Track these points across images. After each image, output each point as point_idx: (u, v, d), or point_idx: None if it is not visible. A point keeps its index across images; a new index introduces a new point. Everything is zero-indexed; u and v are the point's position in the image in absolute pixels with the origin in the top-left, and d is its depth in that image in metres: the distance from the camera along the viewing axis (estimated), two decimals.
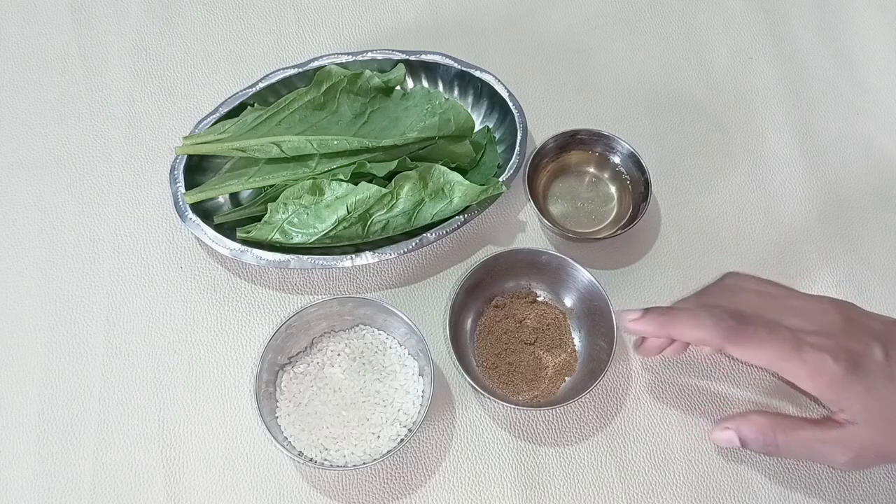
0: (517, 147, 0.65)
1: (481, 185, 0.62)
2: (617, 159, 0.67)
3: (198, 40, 0.74)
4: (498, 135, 0.68)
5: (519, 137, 0.66)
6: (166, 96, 0.71)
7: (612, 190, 0.68)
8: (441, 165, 0.61)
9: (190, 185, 0.64)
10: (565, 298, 0.63)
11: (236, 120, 0.64)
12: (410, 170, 0.61)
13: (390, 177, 0.61)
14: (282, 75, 0.67)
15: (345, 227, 0.61)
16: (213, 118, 0.66)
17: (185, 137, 0.64)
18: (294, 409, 0.59)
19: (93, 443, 0.59)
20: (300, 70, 0.67)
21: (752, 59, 0.74)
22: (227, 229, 0.63)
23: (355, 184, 0.60)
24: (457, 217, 0.63)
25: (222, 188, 0.62)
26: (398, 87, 0.66)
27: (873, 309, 0.53)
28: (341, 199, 0.60)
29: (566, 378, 0.61)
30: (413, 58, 0.68)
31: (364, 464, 0.56)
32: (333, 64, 0.66)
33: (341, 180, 0.61)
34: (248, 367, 0.62)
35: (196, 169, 0.65)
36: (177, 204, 0.63)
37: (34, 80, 0.71)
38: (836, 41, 0.75)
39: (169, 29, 0.74)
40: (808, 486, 0.59)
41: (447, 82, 0.69)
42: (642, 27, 0.75)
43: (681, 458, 0.60)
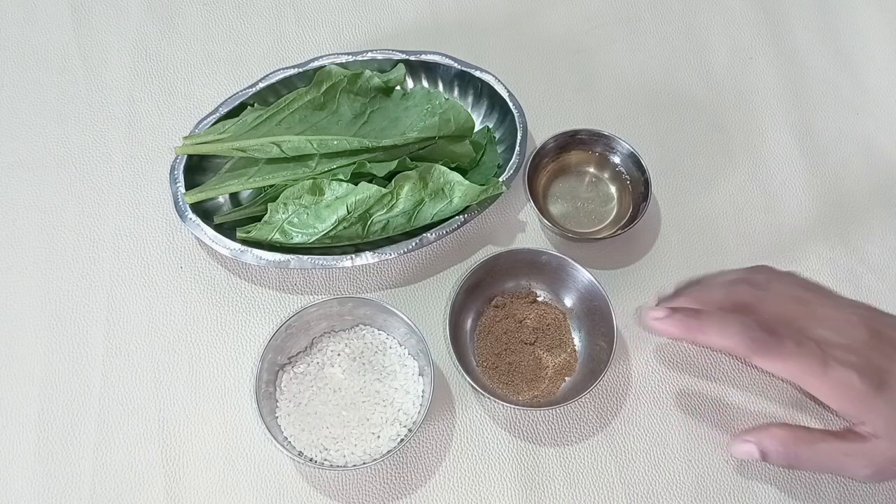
0: (517, 147, 0.65)
1: (481, 185, 0.62)
2: (617, 159, 0.67)
3: (198, 40, 0.74)
4: (498, 135, 0.68)
5: (519, 137, 0.66)
6: (166, 96, 0.71)
7: (612, 190, 0.68)
8: (441, 165, 0.61)
9: (190, 185, 0.64)
10: (565, 298, 0.63)
11: (236, 120, 0.64)
12: (410, 170, 0.61)
13: (390, 177, 0.61)
14: (282, 75, 0.67)
15: (345, 227, 0.61)
16: (213, 118, 0.66)
17: (185, 137, 0.64)
18: (294, 409, 0.59)
19: (93, 443, 0.59)
20: (300, 70, 0.67)
21: (752, 59, 0.74)
22: (227, 229, 0.63)
23: (355, 184, 0.60)
24: (457, 217, 0.63)
25: (222, 188, 0.62)
26: (398, 87, 0.66)
27: None
28: (341, 199, 0.60)
29: (566, 378, 0.61)
30: (413, 58, 0.68)
31: (364, 464, 0.56)
32: (333, 64, 0.66)
33: (341, 180, 0.61)
34: (248, 367, 0.62)
35: (196, 169, 0.65)
36: (177, 204, 0.63)
37: (34, 80, 0.71)
38: (836, 41, 0.75)
39: (169, 29, 0.74)
40: (808, 485, 0.59)
41: (447, 82, 0.69)
42: (642, 27, 0.75)
43: (681, 458, 0.60)
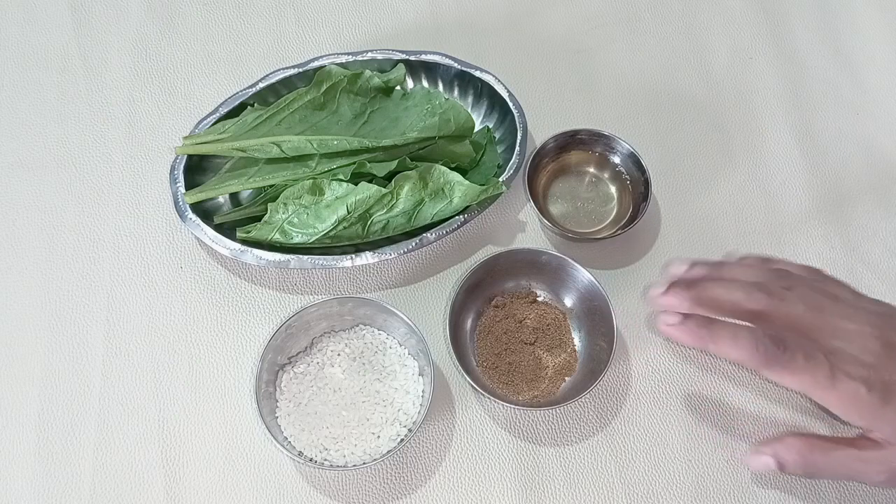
0: (517, 147, 0.65)
1: (481, 185, 0.62)
2: (617, 159, 0.67)
3: (198, 40, 0.74)
4: (498, 135, 0.68)
5: (519, 137, 0.66)
6: (166, 96, 0.71)
7: (612, 190, 0.68)
8: (441, 165, 0.61)
9: (190, 185, 0.64)
10: (565, 298, 0.63)
11: (236, 120, 0.64)
12: (410, 170, 0.61)
13: (390, 177, 0.61)
14: (282, 75, 0.67)
15: (345, 227, 0.61)
16: (213, 118, 0.66)
17: (185, 137, 0.64)
18: (294, 409, 0.59)
19: (93, 443, 0.59)
20: (300, 70, 0.67)
21: (752, 59, 0.74)
22: (227, 229, 0.63)
23: (355, 184, 0.60)
24: (457, 217, 0.63)
25: (222, 188, 0.62)
26: (398, 87, 0.66)
27: None
28: (341, 199, 0.60)
29: (566, 378, 0.61)
30: (413, 58, 0.68)
31: (364, 464, 0.56)
32: (333, 64, 0.66)
33: (341, 180, 0.61)
34: (248, 367, 0.62)
35: (196, 169, 0.65)
36: (177, 204, 0.63)
37: (34, 80, 0.71)
38: (836, 41, 0.75)
39: (169, 29, 0.74)
40: (808, 485, 0.59)
41: (447, 82, 0.69)
42: (642, 27, 0.75)
43: (681, 458, 0.60)
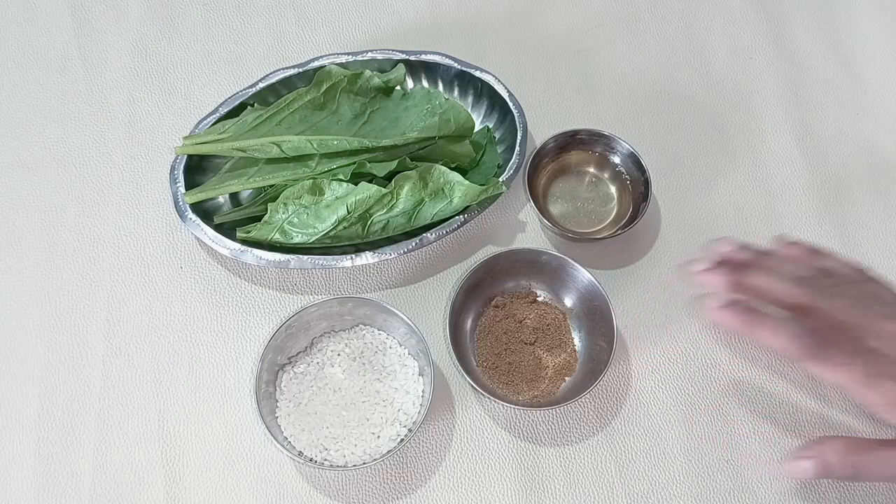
0: (517, 147, 0.65)
1: (481, 185, 0.62)
2: (617, 159, 0.67)
3: (198, 40, 0.74)
4: (498, 135, 0.68)
5: (519, 137, 0.66)
6: (166, 96, 0.71)
7: (612, 190, 0.68)
8: (441, 165, 0.61)
9: (190, 185, 0.64)
10: (565, 298, 0.63)
11: (236, 120, 0.64)
12: (410, 170, 0.61)
13: (390, 177, 0.61)
14: (282, 75, 0.67)
15: (345, 227, 0.61)
16: (213, 118, 0.66)
17: (185, 137, 0.64)
18: (294, 409, 0.59)
19: (93, 443, 0.59)
20: (300, 70, 0.67)
21: (752, 59, 0.74)
22: (227, 229, 0.63)
23: (355, 184, 0.60)
24: (457, 217, 0.63)
25: (222, 188, 0.62)
26: (398, 87, 0.66)
27: None
28: (341, 199, 0.60)
29: (566, 378, 0.61)
30: (413, 58, 0.68)
31: (364, 464, 0.56)
32: (333, 64, 0.66)
33: (341, 180, 0.61)
34: (248, 367, 0.62)
35: (196, 169, 0.65)
36: (177, 204, 0.63)
37: (34, 80, 0.71)
38: (836, 41, 0.75)
39: (169, 29, 0.74)
40: (808, 485, 0.59)
41: (447, 82, 0.69)
42: (642, 27, 0.75)
43: (681, 458, 0.60)
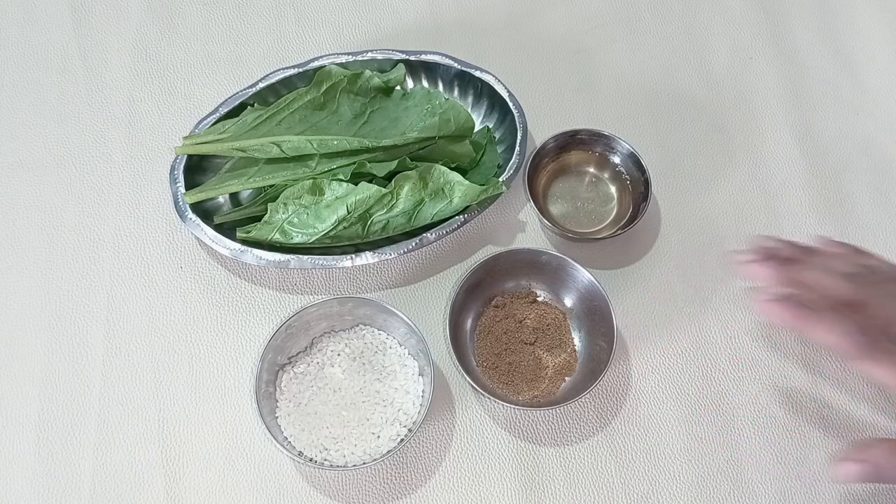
0: (517, 147, 0.65)
1: (481, 185, 0.62)
2: (617, 159, 0.67)
3: (198, 40, 0.74)
4: (498, 135, 0.68)
5: (519, 137, 0.66)
6: (166, 96, 0.71)
7: (612, 190, 0.68)
8: (441, 165, 0.61)
9: (190, 185, 0.64)
10: (565, 298, 0.63)
11: (236, 120, 0.64)
12: (410, 170, 0.61)
13: (390, 177, 0.61)
14: (282, 75, 0.67)
15: (345, 227, 0.61)
16: (213, 118, 0.66)
17: (185, 137, 0.64)
18: (294, 409, 0.59)
19: (93, 443, 0.59)
20: (300, 70, 0.67)
21: (752, 59, 0.74)
22: (227, 229, 0.63)
23: (355, 184, 0.60)
24: (457, 217, 0.63)
25: (222, 188, 0.62)
26: (398, 87, 0.66)
27: None
28: (341, 199, 0.60)
29: (566, 378, 0.61)
30: (413, 58, 0.68)
31: (364, 464, 0.56)
32: (333, 64, 0.66)
33: (341, 180, 0.61)
34: (248, 367, 0.62)
35: (196, 169, 0.65)
36: (177, 204, 0.63)
37: (34, 80, 0.71)
38: (836, 41, 0.75)
39: (169, 29, 0.74)
40: (808, 485, 0.59)
41: (447, 82, 0.69)
42: (642, 27, 0.75)
43: (681, 458, 0.60)
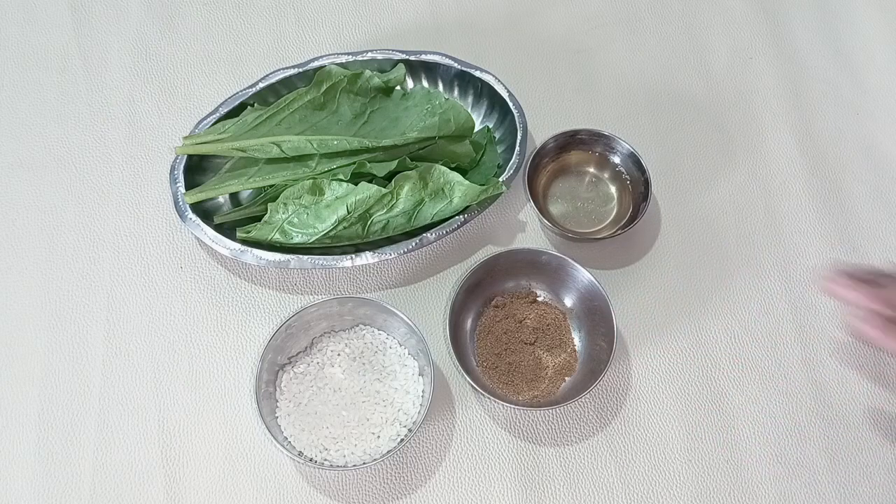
0: (517, 147, 0.65)
1: (481, 185, 0.62)
2: (617, 159, 0.67)
3: (198, 40, 0.73)
4: (498, 135, 0.68)
5: (519, 137, 0.66)
6: (166, 96, 0.71)
7: (612, 190, 0.68)
8: (441, 165, 0.61)
9: (190, 185, 0.64)
10: (565, 298, 0.63)
11: (236, 120, 0.64)
12: (410, 170, 0.61)
13: (390, 177, 0.61)
14: (282, 75, 0.67)
15: (345, 227, 0.61)
16: (213, 118, 0.66)
17: (185, 137, 0.64)
18: (294, 409, 0.59)
19: (93, 443, 0.59)
20: (300, 70, 0.67)
21: (752, 59, 0.74)
22: (227, 229, 0.63)
23: (355, 184, 0.60)
24: (457, 217, 0.63)
25: (222, 188, 0.62)
26: (398, 87, 0.66)
27: None
28: (341, 199, 0.60)
29: (566, 378, 0.61)
30: (413, 58, 0.68)
31: (364, 464, 0.56)
32: (333, 64, 0.66)
33: (341, 180, 0.61)
34: (248, 367, 0.62)
35: (196, 169, 0.65)
36: (177, 204, 0.63)
37: (34, 80, 0.71)
38: (836, 41, 0.75)
39: (169, 29, 0.74)
40: (808, 485, 0.59)
41: (447, 82, 0.69)
42: (642, 27, 0.75)
43: (681, 458, 0.60)
